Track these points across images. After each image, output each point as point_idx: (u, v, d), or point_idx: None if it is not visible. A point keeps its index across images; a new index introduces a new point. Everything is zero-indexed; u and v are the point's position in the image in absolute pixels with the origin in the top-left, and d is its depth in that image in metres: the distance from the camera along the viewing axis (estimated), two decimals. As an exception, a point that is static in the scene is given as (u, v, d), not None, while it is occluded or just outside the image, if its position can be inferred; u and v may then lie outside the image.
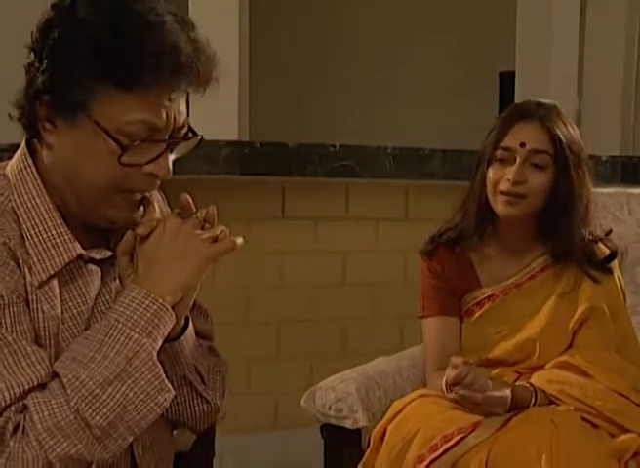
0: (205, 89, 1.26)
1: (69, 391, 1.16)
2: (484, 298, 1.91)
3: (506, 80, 4.14)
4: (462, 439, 1.63)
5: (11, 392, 1.15)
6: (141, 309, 1.21)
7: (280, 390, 3.05)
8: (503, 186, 1.82)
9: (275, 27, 5.08)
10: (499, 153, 1.84)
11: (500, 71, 4.56)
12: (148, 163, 1.23)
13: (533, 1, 3.51)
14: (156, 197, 1.47)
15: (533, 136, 1.82)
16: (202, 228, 1.27)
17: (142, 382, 1.19)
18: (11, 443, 1.13)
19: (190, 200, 1.30)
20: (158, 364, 1.21)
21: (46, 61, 1.20)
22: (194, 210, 1.29)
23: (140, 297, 1.22)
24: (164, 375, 1.22)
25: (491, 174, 1.85)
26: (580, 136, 1.89)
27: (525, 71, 3.51)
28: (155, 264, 1.24)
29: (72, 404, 1.15)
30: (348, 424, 1.83)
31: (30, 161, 1.28)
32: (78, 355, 1.19)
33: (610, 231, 1.95)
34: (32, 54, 1.23)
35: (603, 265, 1.87)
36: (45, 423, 1.14)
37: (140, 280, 1.24)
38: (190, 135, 1.29)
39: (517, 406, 1.71)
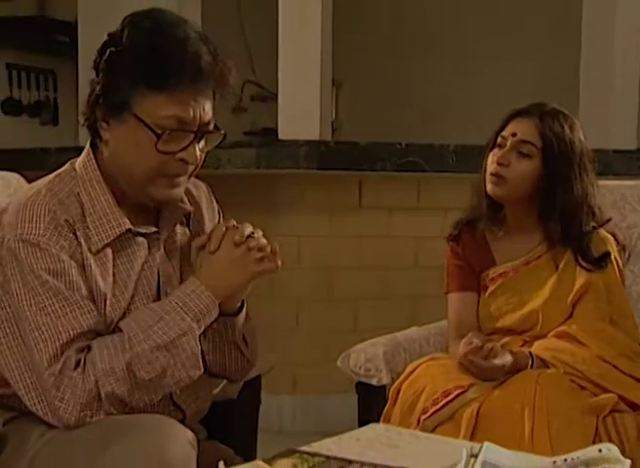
0: (224, 93, 1.49)
1: (127, 345, 1.39)
2: (497, 275, 2.03)
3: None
4: (460, 395, 1.78)
5: (68, 334, 1.39)
6: (197, 300, 1.45)
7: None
8: (492, 167, 1.97)
9: (362, 30, 5.21)
10: (497, 140, 1.99)
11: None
12: (180, 151, 1.45)
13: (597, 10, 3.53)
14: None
15: (524, 129, 1.95)
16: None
17: (183, 355, 1.42)
18: (73, 374, 1.37)
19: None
20: (199, 344, 1.44)
21: (101, 74, 1.44)
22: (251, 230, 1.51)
23: (197, 291, 1.46)
24: (200, 355, 1.44)
25: (488, 158, 2.00)
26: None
27: (589, 72, 3.54)
28: (215, 267, 1.48)
29: (127, 356, 1.39)
30: (374, 382, 2.00)
31: (92, 156, 1.52)
32: (141, 321, 1.43)
33: (609, 219, 2.04)
34: (94, 71, 1.48)
35: (597, 264, 1.95)
36: (103, 365, 1.38)
37: (200, 276, 1.48)
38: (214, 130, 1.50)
39: (517, 369, 1.83)
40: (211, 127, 1.48)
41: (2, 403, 1.49)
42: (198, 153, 1.47)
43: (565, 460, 1.33)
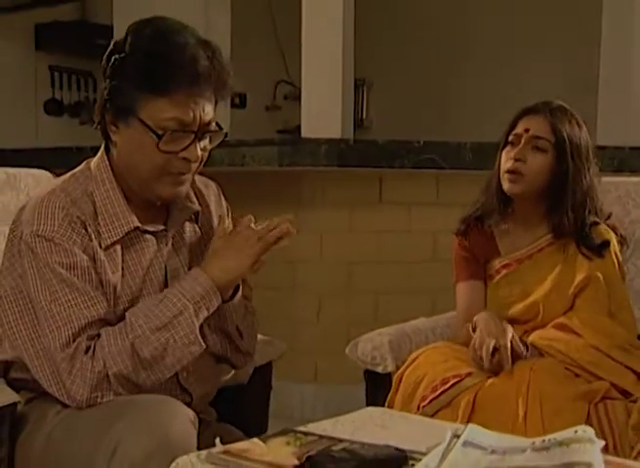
0: (224, 95, 1.56)
1: (129, 329, 1.49)
2: (502, 266, 2.08)
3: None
4: (457, 382, 1.84)
5: (79, 322, 1.49)
6: (194, 283, 1.53)
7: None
8: (508, 164, 2.00)
9: (393, 31, 5.25)
10: (509, 138, 2.03)
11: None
12: (182, 151, 1.53)
13: (617, 12, 3.53)
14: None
15: (536, 125, 1.99)
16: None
17: (182, 334, 1.50)
18: (84, 359, 1.47)
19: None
20: (197, 325, 1.52)
21: (107, 80, 1.53)
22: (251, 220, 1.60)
23: (196, 276, 1.55)
24: (198, 333, 1.52)
25: (502, 156, 2.04)
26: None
27: (608, 70, 3.55)
28: (217, 255, 1.57)
29: (130, 337, 1.48)
30: (380, 369, 2.06)
31: (105, 157, 1.61)
32: (142, 306, 1.53)
33: (610, 214, 2.08)
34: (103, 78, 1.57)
35: (598, 251, 1.99)
36: (110, 348, 1.48)
37: (202, 264, 1.57)
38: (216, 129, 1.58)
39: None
40: (212, 126, 1.56)
41: (23, 385, 1.59)
42: (199, 152, 1.55)
43: (543, 441, 1.39)
